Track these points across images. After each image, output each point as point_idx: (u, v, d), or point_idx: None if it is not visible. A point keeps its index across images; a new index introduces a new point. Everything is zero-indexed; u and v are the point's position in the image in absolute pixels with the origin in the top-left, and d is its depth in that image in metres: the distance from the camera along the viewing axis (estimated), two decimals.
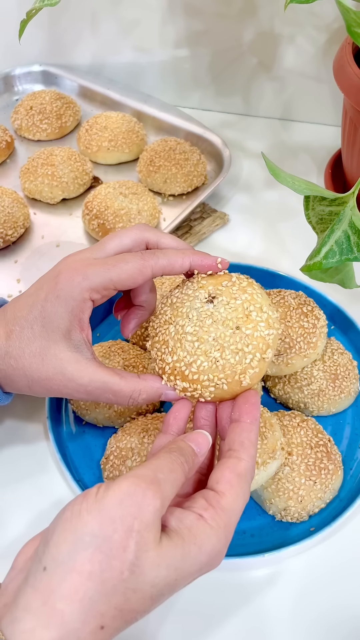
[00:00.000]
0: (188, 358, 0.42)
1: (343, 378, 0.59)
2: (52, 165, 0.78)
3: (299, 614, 0.49)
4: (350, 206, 0.51)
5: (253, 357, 0.41)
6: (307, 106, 0.93)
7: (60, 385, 0.44)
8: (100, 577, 0.31)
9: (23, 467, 0.57)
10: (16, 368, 0.45)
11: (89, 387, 0.43)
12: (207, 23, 0.87)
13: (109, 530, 0.32)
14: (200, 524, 0.35)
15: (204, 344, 0.41)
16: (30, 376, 0.44)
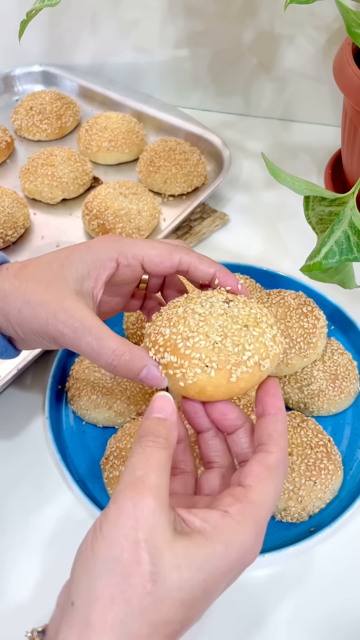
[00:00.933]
0: (187, 332, 0.40)
1: (343, 378, 0.59)
2: (52, 166, 0.78)
3: (299, 614, 0.49)
4: (350, 206, 0.51)
5: (251, 356, 0.40)
6: (307, 106, 0.93)
7: (52, 313, 0.41)
8: (123, 598, 0.31)
9: (23, 467, 0.57)
10: (18, 289, 0.43)
11: (77, 324, 0.41)
12: (207, 23, 0.87)
13: (116, 552, 0.31)
14: (226, 520, 0.34)
15: (209, 327, 0.40)
16: (27, 299, 0.43)
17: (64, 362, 0.62)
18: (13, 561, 0.51)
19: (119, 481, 0.34)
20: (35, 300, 0.42)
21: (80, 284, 0.43)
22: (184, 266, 0.44)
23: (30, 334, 0.43)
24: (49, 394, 0.59)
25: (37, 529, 0.53)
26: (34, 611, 0.49)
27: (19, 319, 0.43)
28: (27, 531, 0.53)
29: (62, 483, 0.56)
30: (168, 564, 0.31)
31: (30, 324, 0.42)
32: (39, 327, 0.42)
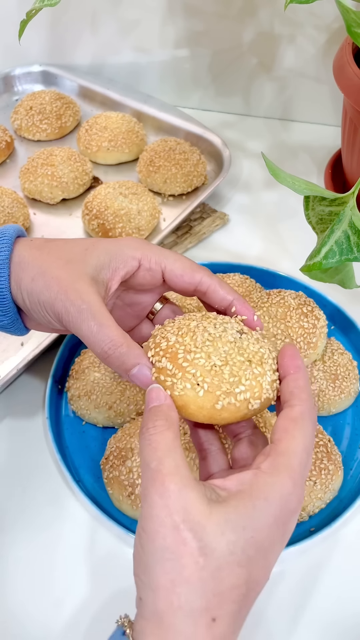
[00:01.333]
0: (191, 346, 0.40)
1: (343, 378, 0.59)
2: (52, 166, 0.78)
3: (299, 614, 0.49)
4: (350, 206, 0.51)
5: (244, 391, 0.39)
6: (307, 106, 0.93)
7: (63, 289, 0.42)
8: (181, 579, 0.32)
9: (23, 467, 0.57)
10: (37, 258, 0.44)
11: (84, 305, 0.41)
12: (207, 23, 0.87)
13: (160, 541, 0.32)
14: (260, 476, 0.34)
15: (214, 349, 0.40)
16: (43, 269, 0.43)
17: (64, 362, 0.62)
18: (13, 561, 0.51)
19: (141, 479, 0.35)
20: (51, 273, 0.42)
21: (98, 272, 0.43)
22: (204, 287, 0.44)
23: (37, 305, 0.43)
24: (49, 394, 0.59)
25: (37, 529, 0.53)
26: (34, 611, 0.49)
27: (30, 287, 0.43)
28: (27, 531, 0.53)
29: (62, 483, 0.56)
30: (212, 534, 0.32)
31: (40, 295, 0.42)
32: (47, 299, 0.42)
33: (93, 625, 0.48)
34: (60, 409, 0.60)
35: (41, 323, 0.45)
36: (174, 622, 0.32)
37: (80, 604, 0.49)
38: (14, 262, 0.44)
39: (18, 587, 0.50)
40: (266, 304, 0.61)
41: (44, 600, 0.50)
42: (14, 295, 0.45)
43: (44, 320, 0.44)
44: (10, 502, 0.55)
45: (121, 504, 0.53)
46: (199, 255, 0.75)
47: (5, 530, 0.53)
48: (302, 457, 0.36)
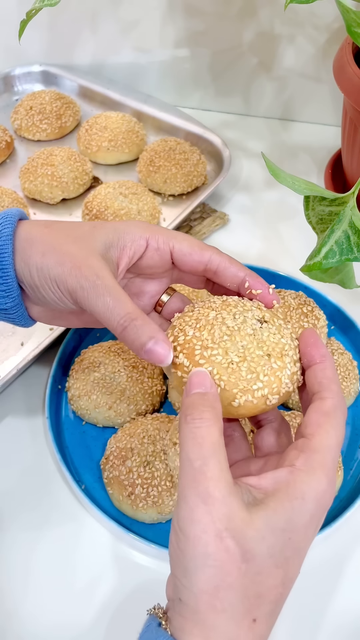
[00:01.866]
0: (208, 342, 0.39)
1: (343, 378, 0.59)
2: (52, 165, 0.78)
3: (299, 614, 0.49)
4: (350, 206, 0.51)
5: (261, 388, 0.38)
6: (307, 106, 0.93)
7: (76, 265, 0.41)
8: (225, 585, 0.32)
9: (23, 467, 0.57)
10: (46, 235, 0.43)
11: (98, 281, 0.40)
12: (207, 23, 0.87)
13: (202, 548, 0.32)
14: (295, 475, 0.34)
15: (232, 343, 0.39)
16: (53, 245, 0.42)
17: (64, 363, 0.62)
18: (13, 561, 0.51)
19: (179, 474, 0.34)
20: (62, 249, 0.42)
21: (107, 250, 0.43)
22: (213, 265, 0.43)
23: (47, 281, 0.42)
24: (49, 394, 0.59)
25: (37, 529, 0.53)
26: (34, 610, 0.49)
27: (41, 262, 0.42)
28: (27, 531, 0.53)
29: (62, 483, 0.56)
30: (253, 541, 0.32)
31: (51, 270, 0.41)
32: (59, 274, 0.41)
33: (93, 625, 0.48)
34: (60, 409, 0.60)
35: (48, 303, 0.44)
36: (216, 624, 0.32)
37: (80, 603, 0.49)
38: (21, 239, 0.43)
39: (17, 586, 0.50)
40: None
41: (44, 599, 0.50)
42: (19, 274, 0.43)
43: (53, 297, 0.43)
44: (10, 502, 0.55)
45: (121, 504, 0.53)
46: None
47: (5, 530, 0.53)
48: (336, 453, 0.36)
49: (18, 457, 0.58)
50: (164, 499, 0.52)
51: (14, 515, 0.54)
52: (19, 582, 0.50)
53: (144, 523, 0.53)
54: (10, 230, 0.43)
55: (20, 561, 0.51)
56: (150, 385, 0.59)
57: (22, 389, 0.62)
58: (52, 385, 0.60)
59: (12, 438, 0.59)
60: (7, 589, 0.50)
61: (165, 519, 0.53)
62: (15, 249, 0.43)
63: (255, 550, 0.32)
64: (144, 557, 0.52)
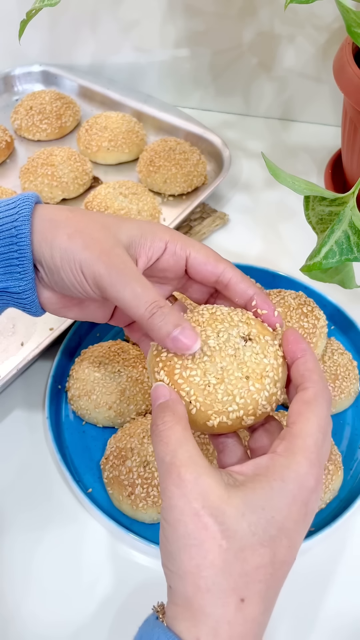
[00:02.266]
0: (188, 362, 0.40)
1: (343, 378, 0.59)
2: (52, 166, 0.78)
3: (299, 614, 0.49)
4: (350, 206, 0.51)
5: (236, 410, 0.39)
6: (307, 106, 0.93)
7: (105, 250, 0.41)
8: (207, 563, 0.32)
9: (23, 467, 0.57)
10: (71, 219, 0.43)
11: (127, 269, 0.41)
12: (207, 23, 0.87)
13: (182, 529, 0.33)
14: (275, 459, 0.35)
15: (211, 364, 0.40)
16: (80, 228, 0.42)
17: (64, 362, 0.62)
18: (13, 561, 0.51)
19: (159, 475, 0.35)
20: (90, 233, 0.42)
21: (129, 245, 0.43)
22: (225, 278, 0.44)
23: (71, 264, 0.42)
24: (49, 394, 0.59)
25: (37, 529, 0.53)
26: (34, 610, 0.49)
27: (67, 244, 0.42)
28: (27, 531, 0.53)
29: (62, 483, 0.56)
30: (232, 517, 0.33)
31: (77, 253, 0.41)
32: (86, 258, 0.41)
33: (93, 624, 0.48)
34: (60, 409, 0.60)
35: (63, 287, 0.43)
36: (203, 605, 0.32)
37: (80, 603, 0.49)
38: (45, 219, 0.43)
39: (18, 586, 0.50)
40: None
41: (44, 599, 0.50)
42: (37, 255, 0.43)
43: (72, 281, 0.42)
44: (10, 502, 0.55)
45: (121, 504, 0.53)
46: None
47: (5, 530, 0.53)
48: (318, 437, 0.36)
49: (18, 457, 0.58)
50: None
51: (13, 515, 0.54)
52: (19, 582, 0.50)
53: (144, 523, 0.53)
54: (29, 211, 0.43)
55: (21, 561, 0.51)
56: (150, 385, 0.59)
57: (22, 389, 0.62)
58: (52, 385, 0.60)
59: (12, 438, 0.59)
60: (7, 588, 0.50)
61: None
62: (34, 229, 0.43)
63: (235, 526, 0.33)
64: (144, 557, 0.52)
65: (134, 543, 0.51)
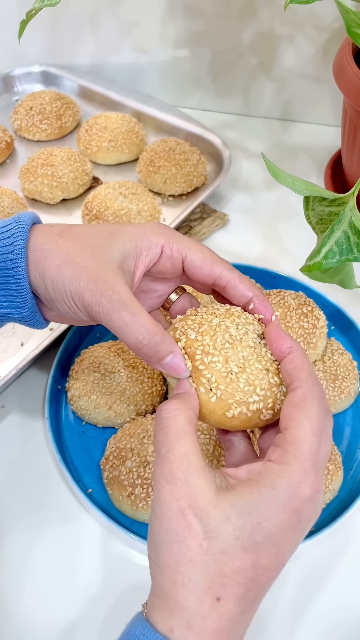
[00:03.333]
0: (210, 348, 0.39)
1: (343, 378, 0.59)
2: (52, 166, 0.78)
3: (299, 614, 0.49)
4: (350, 206, 0.51)
5: (257, 402, 0.38)
6: (307, 106, 0.93)
7: (92, 279, 0.41)
8: (185, 560, 0.33)
9: (23, 467, 0.57)
10: (61, 246, 0.43)
11: (115, 296, 0.40)
12: (207, 23, 0.87)
13: (166, 523, 0.34)
14: (268, 466, 0.35)
15: (233, 352, 0.39)
16: (69, 258, 0.42)
17: (64, 363, 0.62)
18: (12, 560, 0.51)
19: (154, 463, 0.36)
20: (79, 262, 0.41)
21: (124, 260, 0.42)
22: (223, 281, 0.43)
23: (64, 296, 0.42)
24: (49, 394, 0.59)
25: (37, 529, 0.53)
26: (33, 609, 0.49)
27: (57, 276, 0.42)
28: (27, 531, 0.53)
29: (62, 483, 0.56)
30: (218, 520, 0.33)
31: (67, 285, 0.41)
32: (76, 289, 0.41)
33: (92, 624, 0.48)
34: (60, 409, 0.60)
35: (63, 314, 0.44)
36: (178, 599, 0.33)
37: (79, 602, 0.49)
38: (36, 250, 0.43)
39: (17, 586, 0.50)
40: None
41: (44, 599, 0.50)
42: (34, 285, 0.43)
43: (69, 311, 0.43)
44: (10, 502, 0.55)
45: (121, 504, 0.53)
46: None
47: (5, 530, 0.53)
48: (312, 442, 0.35)
49: (18, 457, 0.58)
50: None
51: (13, 515, 0.54)
52: (18, 581, 0.50)
53: (144, 523, 0.53)
54: (23, 242, 0.43)
55: (20, 561, 0.51)
56: (150, 385, 0.59)
57: (22, 390, 0.62)
58: (52, 385, 0.60)
59: (12, 438, 0.59)
60: (6, 588, 0.50)
61: None
62: (29, 260, 0.43)
63: (219, 529, 0.33)
64: (143, 557, 0.52)
65: (134, 543, 0.51)
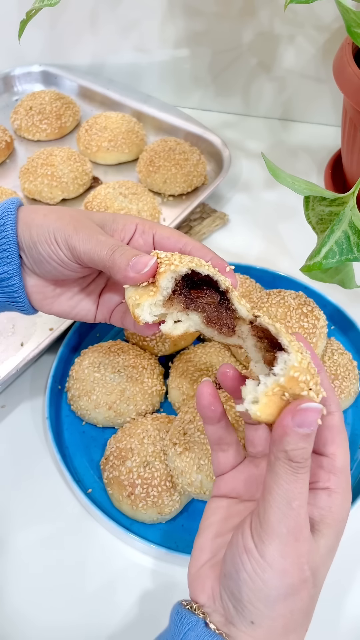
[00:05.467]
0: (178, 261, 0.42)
1: (343, 378, 0.59)
2: (52, 166, 0.78)
3: None
4: (350, 206, 0.51)
5: None
6: (307, 106, 0.93)
7: (74, 219, 0.46)
8: (296, 608, 0.36)
9: (23, 467, 0.57)
10: (48, 208, 0.48)
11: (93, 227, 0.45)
12: (207, 23, 0.87)
13: (288, 580, 0.35)
14: (333, 498, 0.37)
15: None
16: (55, 209, 0.48)
17: (64, 362, 0.62)
18: (12, 560, 0.51)
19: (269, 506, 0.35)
20: (63, 211, 0.47)
21: (102, 226, 0.47)
22: (188, 247, 0.46)
23: (46, 234, 0.46)
24: (49, 394, 0.59)
25: (37, 529, 0.53)
26: (32, 609, 0.49)
27: (41, 221, 0.46)
28: (27, 531, 0.53)
29: (62, 483, 0.56)
30: (320, 567, 0.37)
31: (50, 225, 0.46)
32: (58, 227, 0.45)
33: (92, 624, 0.48)
34: (60, 409, 0.60)
35: (42, 263, 0.47)
36: None
37: (79, 602, 0.49)
38: (26, 209, 0.48)
39: (18, 585, 0.50)
40: (266, 304, 0.60)
41: (44, 598, 0.50)
42: (20, 239, 0.47)
43: (49, 252, 0.46)
44: (10, 502, 0.55)
45: (121, 504, 0.53)
46: None
47: (5, 530, 0.53)
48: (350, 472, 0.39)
49: (18, 457, 0.58)
50: (164, 499, 0.52)
51: (13, 514, 0.54)
52: (18, 581, 0.50)
53: (144, 523, 0.53)
54: (13, 205, 0.48)
55: (19, 560, 0.51)
56: (150, 385, 0.59)
57: (22, 390, 0.62)
58: (52, 385, 0.60)
59: (12, 438, 0.59)
60: (6, 587, 0.50)
61: (164, 519, 0.53)
62: (18, 218, 0.47)
63: (321, 574, 0.37)
64: (143, 557, 0.52)
65: (134, 543, 0.51)
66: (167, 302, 0.41)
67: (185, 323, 0.42)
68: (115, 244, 0.44)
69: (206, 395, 0.41)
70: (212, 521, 0.40)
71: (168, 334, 0.42)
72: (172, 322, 0.42)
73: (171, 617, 0.38)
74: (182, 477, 0.51)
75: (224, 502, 0.41)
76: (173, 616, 0.37)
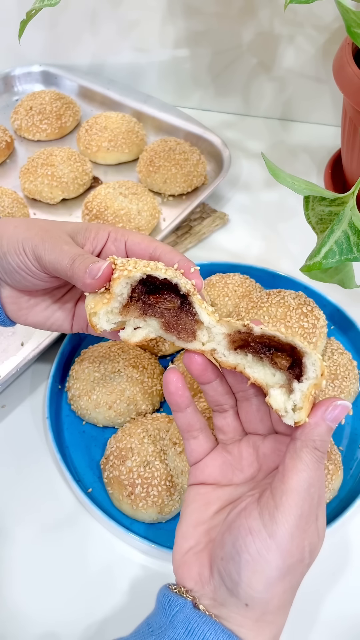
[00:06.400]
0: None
1: (343, 378, 0.59)
2: (52, 166, 0.78)
3: (299, 614, 0.49)
4: (350, 206, 0.51)
5: None
6: (307, 106, 0.93)
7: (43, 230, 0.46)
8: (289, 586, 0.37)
9: (23, 467, 0.57)
10: (19, 220, 0.49)
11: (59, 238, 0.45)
12: (207, 23, 0.87)
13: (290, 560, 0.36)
14: None
15: None
16: (26, 221, 0.48)
17: (64, 362, 0.62)
18: (13, 560, 0.51)
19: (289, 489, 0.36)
20: (34, 222, 0.48)
21: (75, 235, 0.47)
22: (157, 252, 0.46)
23: (15, 245, 0.46)
24: (49, 394, 0.59)
25: (37, 529, 0.53)
26: (32, 609, 0.49)
27: (12, 232, 0.47)
28: (27, 531, 0.53)
29: (62, 483, 0.56)
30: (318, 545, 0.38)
31: (20, 235, 0.46)
32: (26, 237, 0.46)
33: (92, 623, 0.48)
34: (60, 409, 0.60)
35: (13, 273, 0.47)
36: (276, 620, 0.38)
37: (79, 602, 0.49)
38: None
39: (18, 585, 0.50)
40: (266, 304, 0.61)
41: (44, 598, 0.50)
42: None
43: (17, 262, 0.46)
44: (10, 502, 0.55)
45: (121, 504, 0.53)
46: (198, 255, 0.75)
47: (5, 529, 0.53)
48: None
49: (18, 457, 0.58)
50: (164, 499, 0.52)
51: (13, 514, 0.54)
52: (18, 581, 0.50)
53: (144, 523, 0.53)
54: None
55: (20, 560, 0.51)
56: (150, 385, 0.59)
57: (22, 390, 0.62)
58: (52, 385, 0.60)
59: (13, 438, 0.59)
60: (6, 587, 0.50)
61: (165, 518, 0.53)
62: None
63: (316, 552, 0.38)
64: (143, 557, 0.52)
65: (134, 542, 0.51)
66: (124, 308, 0.41)
67: (144, 329, 0.42)
68: (77, 253, 0.44)
69: (174, 382, 0.41)
70: (192, 508, 0.41)
71: (127, 340, 0.41)
72: (131, 328, 0.42)
73: (158, 600, 0.38)
74: (182, 477, 0.51)
75: (202, 489, 0.42)
76: (160, 599, 0.38)
